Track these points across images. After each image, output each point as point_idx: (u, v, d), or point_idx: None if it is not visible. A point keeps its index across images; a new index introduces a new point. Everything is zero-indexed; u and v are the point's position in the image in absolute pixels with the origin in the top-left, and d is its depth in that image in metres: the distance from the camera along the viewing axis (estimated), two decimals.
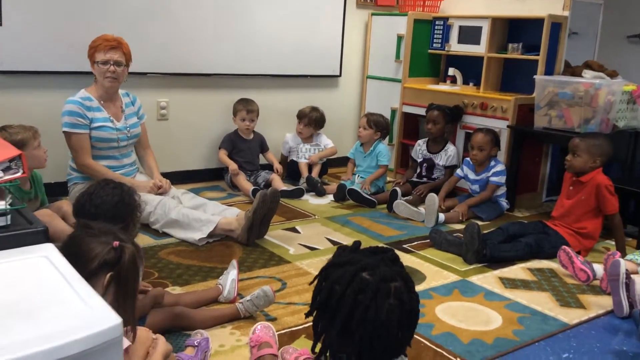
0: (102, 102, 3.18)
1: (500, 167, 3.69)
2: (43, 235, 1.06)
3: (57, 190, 3.41)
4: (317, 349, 1.33)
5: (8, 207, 1.09)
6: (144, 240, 2.96)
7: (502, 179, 3.68)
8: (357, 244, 1.40)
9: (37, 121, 3.19)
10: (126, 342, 1.38)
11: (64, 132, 3.10)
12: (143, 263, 2.50)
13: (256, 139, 4.18)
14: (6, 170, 1.08)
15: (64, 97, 3.15)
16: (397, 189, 3.76)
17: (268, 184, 3.99)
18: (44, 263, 0.98)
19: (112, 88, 3.17)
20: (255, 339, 1.80)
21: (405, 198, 3.76)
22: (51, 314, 0.84)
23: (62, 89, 3.38)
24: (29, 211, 1.15)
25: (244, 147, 4.11)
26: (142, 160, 3.47)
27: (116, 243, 1.45)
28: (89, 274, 1.43)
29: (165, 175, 3.43)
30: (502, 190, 3.74)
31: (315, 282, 1.35)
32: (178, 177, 3.95)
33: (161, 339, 1.58)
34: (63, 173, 3.29)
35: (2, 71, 3.34)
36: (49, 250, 1.02)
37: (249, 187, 3.86)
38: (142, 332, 1.55)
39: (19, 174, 1.11)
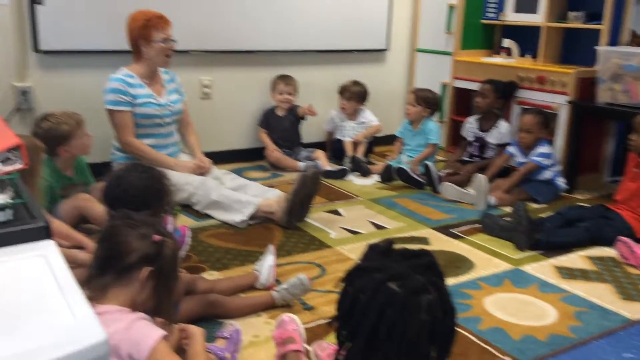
0: (144, 80, 3.14)
1: (546, 149, 3.46)
2: (44, 232, 0.99)
3: (102, 171, 3.40)
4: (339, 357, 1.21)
5: (8, 201, 1.02)
6: (185, 222, 2.91)
7: (545, 160, 3.43)
8: (388, 244, 1.23)
9: (80, 102, 3.20)
10: (161, 330, 1.35)
11: (107, 109, 3.08)
12: (188, 247, 2.46)
13: (290, 113, 4.07)
14: (5, 161, 1.01)
15: (106, 76, 3.11)
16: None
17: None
18: (39, 264, 0.90)
19: (167, 66, 3.20)
20: (278, 335, 1.71)
21: (452, 178, 3.58)
22: (33, 326, 0.76)
23: (104, 68, 3.34)
24: (35, 205, 1.08)
25: (275, 124, 4.03)
26: (185, 139, 3.43)
27: (156, 237, 1.39)
28: (126, 267, 1.38)
29: (208, 155, 3.37)
30: (555, 169, 3.49)
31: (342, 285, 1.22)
32: (221, 157, 3.88)
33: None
34: (108, 153, 3.28)
35: (44, 51, 3.33)
36: (48, 249, 0.94)
37: (292, 163, 3.85)
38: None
39: (18, 166, 1.03)
